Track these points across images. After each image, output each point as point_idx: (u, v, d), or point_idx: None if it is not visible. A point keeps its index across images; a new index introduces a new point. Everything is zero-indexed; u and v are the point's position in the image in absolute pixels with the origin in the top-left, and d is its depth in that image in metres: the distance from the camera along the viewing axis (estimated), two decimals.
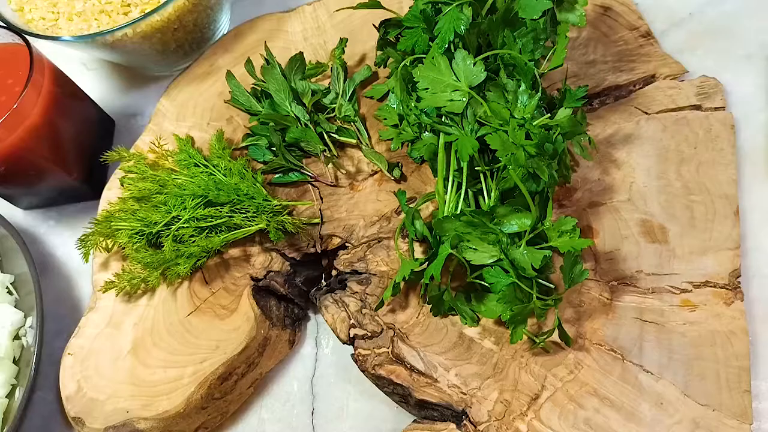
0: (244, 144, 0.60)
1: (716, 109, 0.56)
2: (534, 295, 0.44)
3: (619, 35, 0.62)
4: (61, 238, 0.68)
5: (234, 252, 0.56)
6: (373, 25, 0.60)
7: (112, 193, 0.62)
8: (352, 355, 0.51)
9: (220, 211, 0.54)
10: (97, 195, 0.63)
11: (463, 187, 0.49)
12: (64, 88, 0.62)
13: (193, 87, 0.67)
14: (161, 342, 0.53)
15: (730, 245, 0.50)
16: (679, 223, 0.52)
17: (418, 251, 0.53)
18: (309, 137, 0.57)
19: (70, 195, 0.68)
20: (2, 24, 0.60)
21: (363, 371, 0.50)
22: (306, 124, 0.58)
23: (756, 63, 0.62)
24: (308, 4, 0.70)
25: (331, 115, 0.60)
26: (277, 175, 0.58)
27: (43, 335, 0.58)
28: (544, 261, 0.44)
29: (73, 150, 0.64)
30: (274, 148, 0.58)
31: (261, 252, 0.56)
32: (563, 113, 0.48)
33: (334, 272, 0.54)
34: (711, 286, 0.49)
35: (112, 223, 0.55)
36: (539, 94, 0.48)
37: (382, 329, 0.50)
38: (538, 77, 0.48)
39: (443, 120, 0.50)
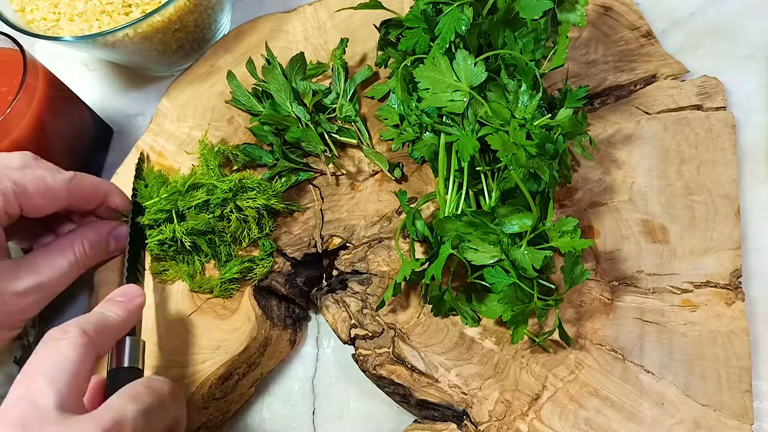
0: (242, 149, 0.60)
1: (717, 108, 0.56)
2: (535, 296, 0.44)
3: (619, 35, 0.62)
4: None
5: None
6: (374, 25, 0.60)
7: None
8: (353, 355, 0.51)
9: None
10: None
11: (464, 188, 0.49)
12: (59, 93, 0.62)
13: (194, 87, 0.67)
14: (162, 342, 0.53)
15: (731, 245, 0.50)
16: (680, 223, 0.52)
17: (419, 251, 0.53)
18: (310, 137, 0.57)
19: None
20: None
21: (364, 371, 0.50)
22: (307, 124, 0.58)
23: (757, 63, 0.61)
24: (309, 4, 0.70)
25: (332, 115, 0.60)
26: (283, 180, 0.57)
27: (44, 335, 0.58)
28: (545, 261, 0.44)
29: (67, 155, 0.63)
30: (275, 151, 0.58)
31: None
32: (564, 113, 0.48)
33: (334, 272, 0.54)
34: (712, 286, 0.49)
35: None
36: (540, 94, 0.48)
37: (383, 329, 0.50)
38: (539, 77, 0.48)
39: (444, 120, 0.50)
